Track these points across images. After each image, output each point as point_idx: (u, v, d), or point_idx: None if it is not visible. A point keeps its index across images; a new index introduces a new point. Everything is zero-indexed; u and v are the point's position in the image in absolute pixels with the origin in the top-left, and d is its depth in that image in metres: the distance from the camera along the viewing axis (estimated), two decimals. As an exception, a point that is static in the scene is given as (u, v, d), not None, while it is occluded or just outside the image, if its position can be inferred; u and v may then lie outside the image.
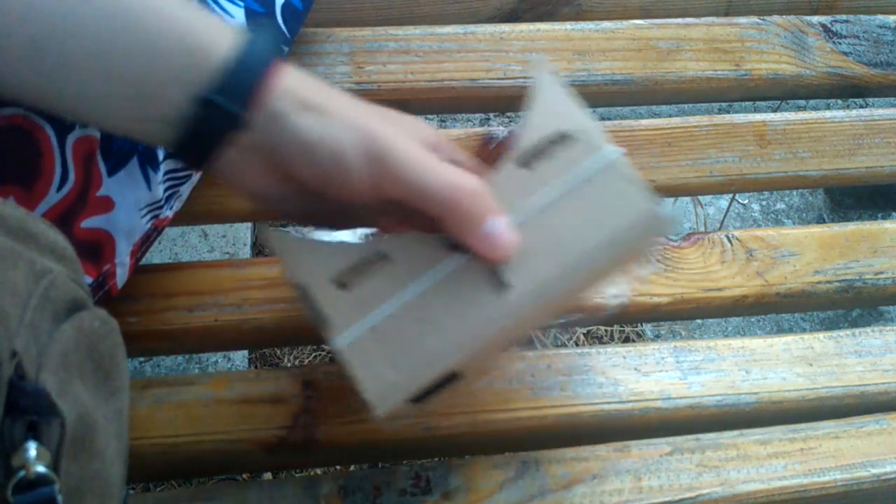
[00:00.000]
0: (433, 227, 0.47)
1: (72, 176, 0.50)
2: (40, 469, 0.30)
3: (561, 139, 0.49)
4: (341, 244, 0.49)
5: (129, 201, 0.56)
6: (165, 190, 0.60)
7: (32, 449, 0.29)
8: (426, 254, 0.48)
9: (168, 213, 0.62)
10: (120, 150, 0.54)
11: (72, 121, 0.50)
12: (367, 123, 0.44)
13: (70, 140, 0.50)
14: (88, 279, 0.55)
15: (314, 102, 0.44)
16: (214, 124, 0.43)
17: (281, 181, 0.46)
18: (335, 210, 0.49)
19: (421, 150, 0.45)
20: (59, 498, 0.30)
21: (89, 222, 0.54)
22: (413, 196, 0.44)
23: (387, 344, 0.47)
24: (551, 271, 0.47)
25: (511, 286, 0.47)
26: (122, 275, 0.59)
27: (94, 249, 0.55)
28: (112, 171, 0.54)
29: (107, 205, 0.55)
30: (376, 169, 0.43)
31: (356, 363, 0.47)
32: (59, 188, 0.50)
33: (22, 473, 0.29)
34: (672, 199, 0.75)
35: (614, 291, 0.67)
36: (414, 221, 0.49)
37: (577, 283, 0.49)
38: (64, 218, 0.51)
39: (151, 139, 0.45)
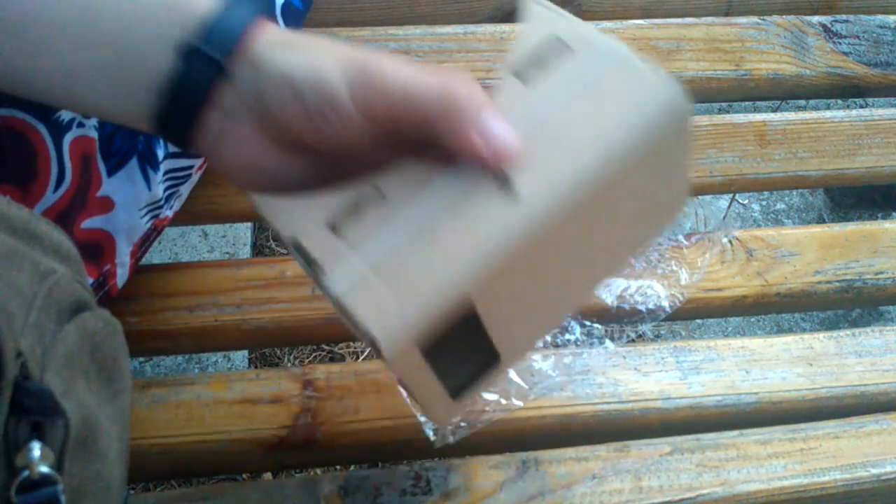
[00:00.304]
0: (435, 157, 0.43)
1: (69, 176, 0.50)
2: (44, 469, 0.30)
3: (558, 45, 0.44)
4: None
5: (129, 201, 0.56)
6: (165, 190, 0.60)
7: (36, 449, 0.29)
8: (422, 181, 0.43)
9: (168, 212, 0.62)
10: (119, 151, 0.54)
11: (52, 105, 0.48)
12: (350, 50, 0.42)
13: (66, 140, 0.50)
14: (89, 279, 0.55)
15: (296, 43, 0.42)
16: (197, 79, 0.41)
17: (272, 143, 0.44)
18: (335, 168, 0.46)
19: (406, 63, 0.42)
20: (63, 498, 0.30)
21: (89, 222, 0.54)
22: (404, 105, 0.40)
23: (389, 278, 0.41)
24: (567, 176, 0.41)
25: (522, 196, 0.41)
26: (122, 275, 0.59)
27: (95, 249, 0.55)
28: (112, 172, 0.54)
29: (107, 205, 0.55)
30: (363, 88, 0.41)
31: (356, 303, 0.41)
32: (56, 188, 0.50)
33: (26, 473, 0.29)
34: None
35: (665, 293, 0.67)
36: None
37: (601, 193, 0.42)
38: (62, 218, 0.51)
39: (132, 115, 0.42)
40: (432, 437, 0.59)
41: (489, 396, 0.62)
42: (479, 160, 0.41)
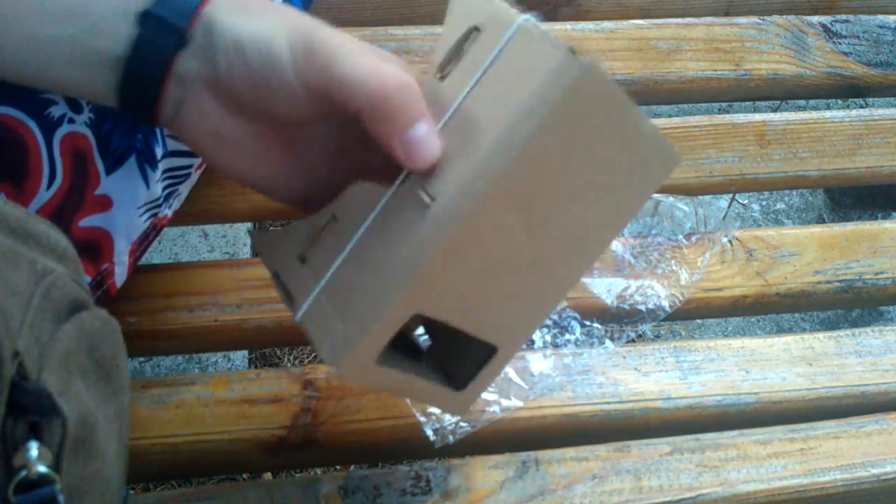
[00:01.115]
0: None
1: (60, 173, 0.50)
2: (42, 469, 0.30)
3: (472, 34, 0.44)
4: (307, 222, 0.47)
5: (127, 200, 0.56)
6: (164, 188, 0.60)
7: (34, 449, 0.29)
8: (368, 201, 0.44)
9: (167, 211, 0.62)
10: (118, 149, 0.54)
11: (21, 82, 0.47)
12: (300, 18, 0.43)
13: (57, 137, 0.50)
14: (86, 278, 0.55)
15: (250, 6, 0.43)
16: (157, 46, 0.42)
17: (231, 113, 0.44)
18: (294, 141, 0.47)
19: (355, 43, 0.42)
20: (61, 498, 0.30)
21: (87, 221, 0.54)
22: (338, 86, 0.41)
23: (336, 301, 0.43)
24: (473, 164, 0.40)
25: (435, 199, 0.41)
26: (120, 274, 0.59)
27: (93, 248, 0.55)
28: (110, 170, 0.54)
29: (105, 203, 0.55)
30: (306, 57, 0.41)
31: (313, 329, 0.44)
32: (49, 186, 0.50)
33: (24, 473, 0.29)
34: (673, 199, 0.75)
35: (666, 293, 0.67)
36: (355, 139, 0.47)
37: (512, 169, 0.40)
38: (57, 216, 0.51)
39: (98, 88, 0.43)
40: (432, 437, 0.59)
41: (489, 396, 0.62)
42: (396, 160, 0.42)
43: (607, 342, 0.66)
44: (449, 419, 0.60)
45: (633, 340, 0.67)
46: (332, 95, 0.41)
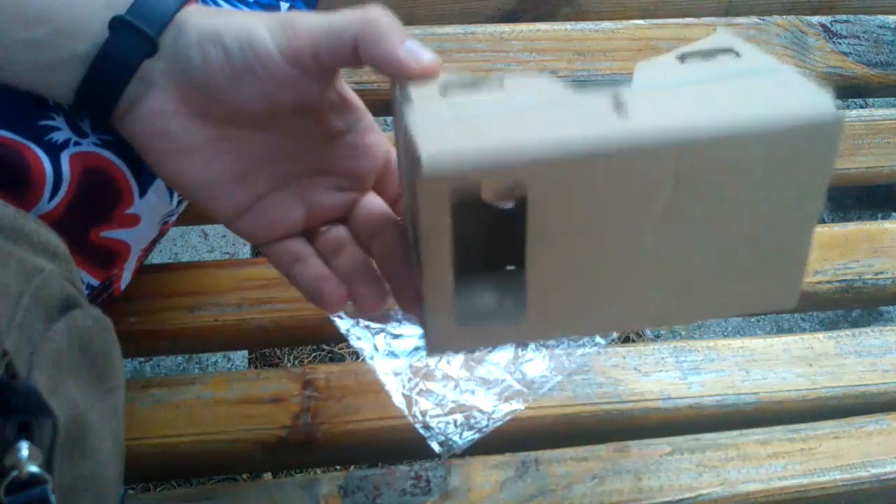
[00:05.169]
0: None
1: (65, 185, 0.50)
2: (33, 469, 0.29)
3: (730, 53, 0.42)
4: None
5: (153, 215, 0.56)
6: (179, 198, 0.60)
7: (24, 449, 0.29)
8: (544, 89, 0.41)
9: (174, 218, 0.62)
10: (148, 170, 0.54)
11: None
12: (277, 13, 0.44)
13: (64, 156, 0.49)
14: (95, 282, 0.55)
15: (226, 11, 0.45)
16: (126, 51, 0.42)
17: (196, 113, 0.44)
18: (243, 144, 0.47)
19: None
20: (53, 497, 0.30)
21: (111, 233, 0.54)
22: (329, 36, 0.42)
23: (463, 127, 0.39)
24: (682, 119, 0.38)
25: (632, 118, 0.38)
26: (126, 278, 0.59)
27: (109, 257, 0.55)
28: (143, 192, 0.54)
29: (133, 221, 0.55)
30: (288, 31, 0.42)
31: (418, 131, 0.38)
32: (51, 198, 0.49)
33: (14, 473, 0.29)
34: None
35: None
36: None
37: (710, 160, 0.39)
38: (62, 226, 0.51)
39: (56, 87, 0.44)
40: (438, 450, 0.59)
41: (489, 400, 0.62)
42: (406, 74, 0.42)
43: (598, 338, 0.66)
44: (453, 430, 0.60)
45: (633, 340, 0.67)
46: (322, 50, 0.42)
